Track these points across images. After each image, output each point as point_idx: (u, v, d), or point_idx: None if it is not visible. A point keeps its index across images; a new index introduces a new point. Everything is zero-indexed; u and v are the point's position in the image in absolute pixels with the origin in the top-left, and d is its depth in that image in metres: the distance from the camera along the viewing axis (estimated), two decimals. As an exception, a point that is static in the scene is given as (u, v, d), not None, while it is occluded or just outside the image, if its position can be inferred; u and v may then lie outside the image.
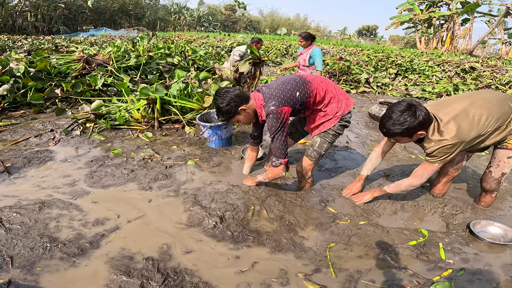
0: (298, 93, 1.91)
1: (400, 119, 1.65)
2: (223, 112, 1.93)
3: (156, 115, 3.54)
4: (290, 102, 1.89)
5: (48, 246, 1.59)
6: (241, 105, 1.93)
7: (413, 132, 1.69)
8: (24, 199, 2.01)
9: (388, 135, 1.76)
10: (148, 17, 35.40)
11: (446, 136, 1.72)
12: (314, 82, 2.01)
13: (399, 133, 1.69)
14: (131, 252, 1.58)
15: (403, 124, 1.65)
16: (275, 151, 1.97)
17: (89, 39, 15.70)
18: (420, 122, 1.65)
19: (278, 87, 1.91)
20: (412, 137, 1.75)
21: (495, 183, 2.06)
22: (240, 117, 1.99)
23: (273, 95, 1.88)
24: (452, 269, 1.62)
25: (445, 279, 1.55)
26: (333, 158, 3.03)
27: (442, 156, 1.79)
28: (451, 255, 1.73)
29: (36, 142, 3.05)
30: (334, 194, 2.34)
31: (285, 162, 2.01)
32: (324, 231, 1.89)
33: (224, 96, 1.90)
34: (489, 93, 1.93)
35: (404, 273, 1.58)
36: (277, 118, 1.87)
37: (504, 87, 7.17)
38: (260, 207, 2.06)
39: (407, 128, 1.65)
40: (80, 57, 5.35)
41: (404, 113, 1.64)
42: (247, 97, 1.96)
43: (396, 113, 1.66)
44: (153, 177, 2.40)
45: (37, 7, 23.87)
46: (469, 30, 21.13)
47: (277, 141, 1.93)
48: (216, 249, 1.65)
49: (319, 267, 1.59)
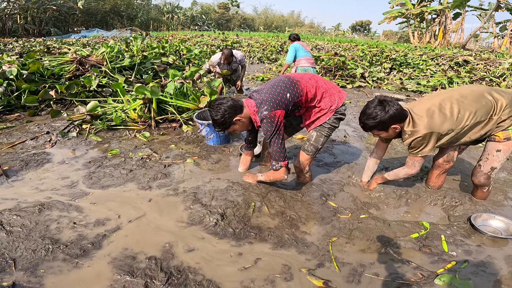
0: (288, 95, 1.92)
1: (372, 113, 1.83)
2: (219, 124, 1.97)
3: (152, 115, 3.52)
4: (282, 104, 1.90)
5: (50, 247, 1.58)
6: (235, 115, 1.95)
7: (386, 125, 1.85)
8: (23, 202, 1.99)
9: (365, 129, 1.95)
10: (141, 17, 35.07)
11: (418, 127, 1.84)
12: (303, 80, 2.01)
13: (373, 126, 1.87)
14: (134, 252, 1.57)
15: (375, 118, 1.82)
16: (274, 154, 1.97)
17: (81, 40, 15.51)
18: (390, 116, 1.81)
19: (268, 91, 1.92)
20: (388, 131, 1.89)
21: (484, 178, 2.05)
22: (236, 126, 2.02)
23: (264, 100, 1.89)
24: (456, 261, 1.61)
25: (449, 271, 1.54)
26: (331, 153, 3.04)
27: (419, 147, 1.91)
28: (453, 247, 1.73)
29: (33, 145, 3.02)
30: (334, 188, 2.35)
31: (286, 165, 2.02)
32: (326, 226, 1.89)
33: (218, 109, 1.92)
34: (467, 88, 1.98)
35: (407, 266, 1.58)
36: (271, 123, 1.87)
37: (498, 79, 7.23)
38: (260, 203, 2.06)
39: (379, 121, 1.82)
40: (73, 58, 5.29)
41: (376, 108, 1.83)
42: (241, 106, 1.98)
43: (370, 109, 1.85)
44: (152, 177, 2.39)
45: (26, 10, 23.51)
46: (461, 24, 21.29)
47: (275, 145, 1.94)
48: (218, 247, 1.65)
49: (322, 261, 1.59)
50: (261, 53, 11.75)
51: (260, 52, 11.93)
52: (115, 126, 3.47)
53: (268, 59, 11.15)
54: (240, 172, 2.54)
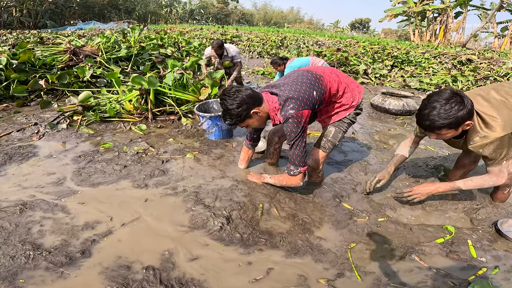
0: (315, 93, 1.69)
1: (446, 107, 1.41)
2: (233, 115, 1.65)
3: (149, 106, 3.30)
4: (310, 104, 1.67)
5: (31, 254, 1.37)
6: (254, 107, 1.67)
7: (462, 122, 1.46)
8: (3, 201, 1.78)
9: (431, 129, 1.50)
10: (139, 10, 34.51)
11: (493, 129, 1.53)
12: (325, 75, 1.80)
13: (447, 125, 1.44)
14: (128, 260, 1.37)
15: (449, 115, 1.42)
16: (294, 158, 1.74)
17: (76, 32, 15.11)
18: (469, 110, 1.43)
19: (293, 88, 1.67)
20: (458, 130, 1.51)
21: (508, 178, 1.87)
22: (251, 120, 1.73)
23: (289, 97, 1.64)
24: (486, 268, 1.49)
25: (481, 278, 1.42)
26: (341, 150, 2.85)
27: (502, 153, 1.59)
28: (482, 253, 1.60)
29: (19, 137, 2.79)
30: (347, 188, 2.16)
31: (304, 171, 1.80)
32: (342, 230, 1.71)
33: (235, 97, 1.62)
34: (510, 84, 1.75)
35: (436, 273, 1.44)
36: (297, 123, 1.64)
37: (502, 79, 7.11)
38: (269, 205, 1.86)
39: (456, 117, 1.42)
40: (67, 48, 5.04)
41: (451, 100, 1.42)
42: (260, 98, 1.71)
43: (440, 102, 1.43)
44: (149, 173, 2.17)
45: (22, 2, 23.00)
46: (462, 23, 21.18)
47: (297, 148, 1.71)
48: (224, 255, 1.45)
49: (341, 270, 1.42)
50: (261, 48, 11.52)
51: (260, 46, 11.69)
52: (109, 118, 3.24)
53: (268, 54, 10.92)
54: (241, 169, 2.34)
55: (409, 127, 3.71)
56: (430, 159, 2.72)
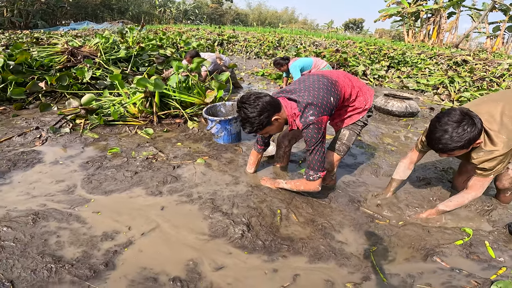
0: (332, 99, 1.68)
1: (459, 130, 1.41)
2: (255, 123, 1.61)
3: (155, 110, 3.25)
4: (328, 110, 1.66)
5: (53, 267, 1.33)
6: (274, 114, 1.64)
7: (473, 142, 1.46)
8: (13, 210, 1.71)
9: (443, 151, 1.49)
10: (132, 10, 34.10)
11: (497, 146, 1.52)
12: (340, 80, 1.79)
13: (460, 147, 1.44)
14: (154, 272, 1.33)
15: (462, 138, 1.41)
16: (314, 164, 1.72)
17: (70, 32, 14.84)
18: (480, 130, 1.44)
19: (311, 94, 1.65)
20: (469, 148, 1.51)
21: (509, 182, 1.92)
22: (271, 128, 1.70)
23: (309, 104, 1.62)
24: (506, 267, 1.53)
25: (501, 277, 1.46)
26: (350, 153, 2.84)
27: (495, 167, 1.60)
28: (499, 253, 1.64)
29: (21, 142, 2.71)
30: (361, 191, 2.16)
31: (323, 176, 1.79)
32: (362, 234, 1.71)
33: (255, 104, 1.58)
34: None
35: (459, 274, 1.47)
36: (318, 129, 1.63)
37: (498, 80, 7.21)
38: (287, 211, 1.84)
39: (469, 139, 1.42)
40: (64, 49, 4.93)
41: (462, 123, 1.41)
42: (279, 104, 1.68)
43: (451, 125, 1.42)
44: (161, 180, 2.13)
45: (13, 3, 22.51)
46: (455, 24, 21.47)
47: (317, 154, 1.69)
48: (249, 262, 1.43)
49: (366, 274, 1.42)
50: (258, 48, 11.48)
51: (257, 47, 11.66)
52: (113, 122, 3.18)
53: (266, 55, 10.89)
54: (250, 173, 2.31)
55: (413, 129, 3.73)
56: (439, 162, 2.73)
